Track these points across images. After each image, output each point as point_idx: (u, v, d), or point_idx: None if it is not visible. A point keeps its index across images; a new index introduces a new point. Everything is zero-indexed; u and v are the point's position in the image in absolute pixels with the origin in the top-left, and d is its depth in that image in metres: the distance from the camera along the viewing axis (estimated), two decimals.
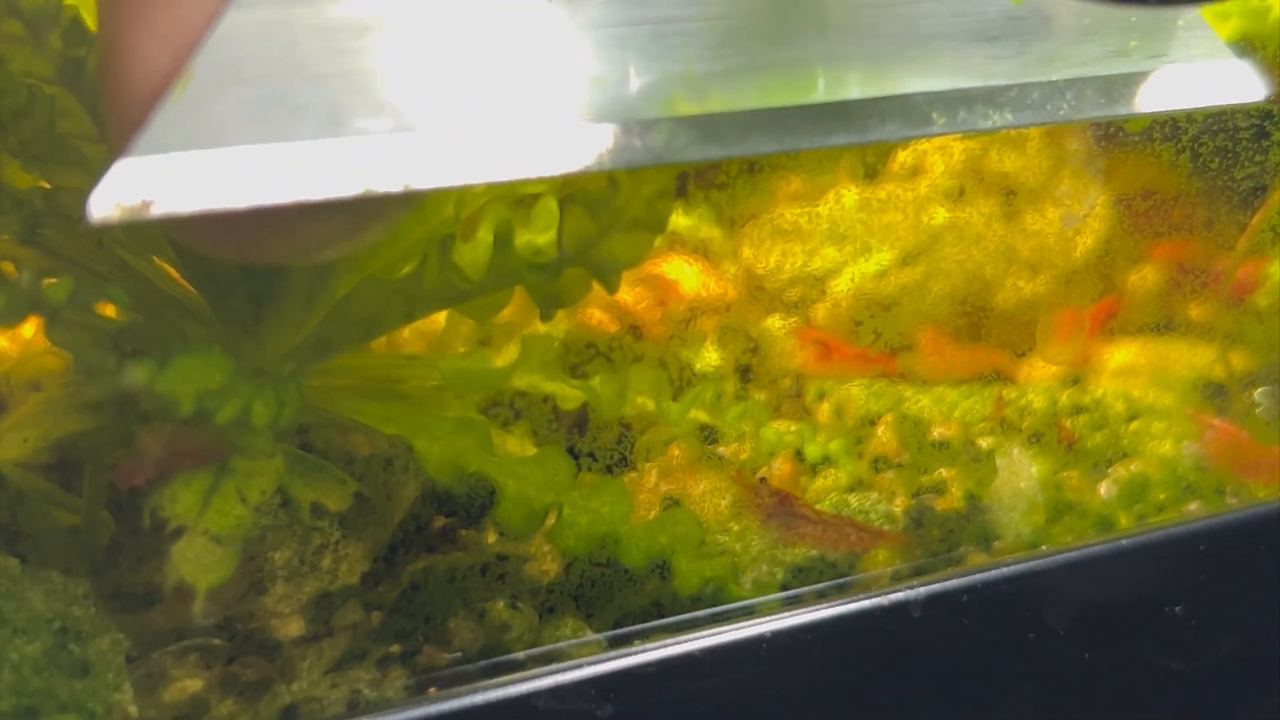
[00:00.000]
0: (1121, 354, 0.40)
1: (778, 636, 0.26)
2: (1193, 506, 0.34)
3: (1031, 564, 0.28)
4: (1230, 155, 0.37)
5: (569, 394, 0.30)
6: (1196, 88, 0.21)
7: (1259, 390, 0.38)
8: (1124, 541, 0.29)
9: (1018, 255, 0.40)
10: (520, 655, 0.27)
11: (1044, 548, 0.31)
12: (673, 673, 0.25)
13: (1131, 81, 0.21)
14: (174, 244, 0.27)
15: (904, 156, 0.41)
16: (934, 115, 0.20)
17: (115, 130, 0.19)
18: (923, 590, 0.27)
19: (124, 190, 0.16)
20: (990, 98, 0.20)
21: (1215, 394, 0.38)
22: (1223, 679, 0.30)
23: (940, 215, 0.40)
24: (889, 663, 0.27)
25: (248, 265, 0.26)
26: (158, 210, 0.16)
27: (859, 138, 0.19)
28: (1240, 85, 0.21)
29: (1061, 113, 0.20)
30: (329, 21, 0.17)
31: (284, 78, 0.17)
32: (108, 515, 0.28)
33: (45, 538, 0.27)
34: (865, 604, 0.27)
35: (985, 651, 0.28)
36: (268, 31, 0.17)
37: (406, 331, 0.32)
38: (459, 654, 0.27)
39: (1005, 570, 0.28)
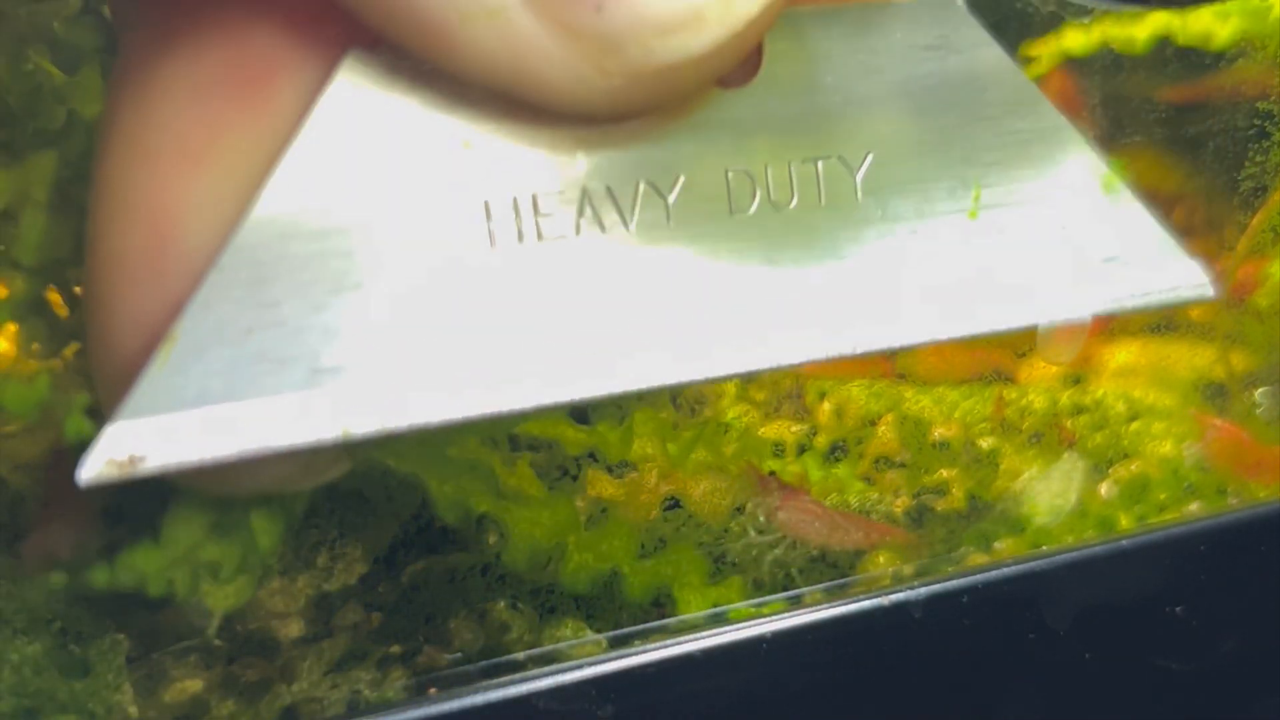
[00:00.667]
0: (1122, 354, 0.39)
1: (778, 637, 0.26)
2: (1193, 507, 0.34)
3: (1031, 564, 0.28)
4: (1231, 156, 0.37)
5: (575, 439, 0.31)
6: (1147, 288, 0.23)
7: (1259, 390, 0.38)
8: (1124, 541, 0.29)
9: None
10: (520, 656, 0.27)
11: (1044, 548, 0.31)
12: (673, 673, 0.25)
13: (1083, 285, 0.23)
14: None
15: None
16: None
17: (102, 386, 0.20)
18: (923, 590, 0.27)
19: (113, 449, 0.17)
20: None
21: (1216, 394, 0.38)
22: (1224, 680, 0.30)
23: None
24: (889, 663, 0.27)
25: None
26: (147, 466, 0.17)
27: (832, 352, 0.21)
28: (1190, 284, 0.23)
29: (1018, 319, 0.22)
30: (308, 280, 0.18)
31: (265, 334, 0.18)
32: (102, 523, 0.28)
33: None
34: (865, 604, 0.27)
35: (986, 652, 0.28)
36: (248, 292, 0.18)
37: None
38: (459, 654, 0.27)
39: (1005, 571, 0.28)
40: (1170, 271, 0.23)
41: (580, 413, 0.32)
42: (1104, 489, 0.36)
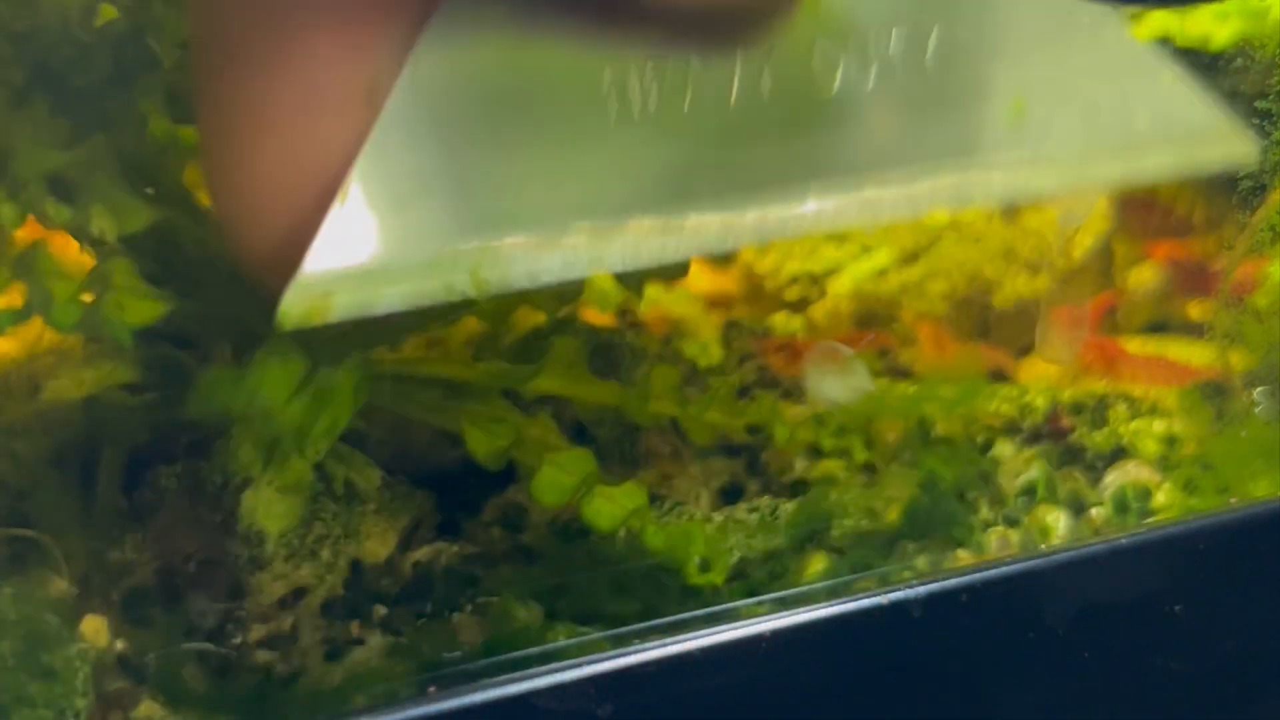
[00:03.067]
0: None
1: (777, 636, 0.26)
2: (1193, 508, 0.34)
3: (1031, 564, 0.28)
4: None
5: (594, 394, 0.32)
6: (1193, 156, 0.24)
7: (1258, 390, 0.38)
8: (1124, 541, 0.29)
9: (1017, 255, 0.40)
10: (521, 654, 0.27)
11: (1044, 547, 0.31)
12: (672, 672, 0.25)
13: (1134, 151, 0.23)
14: None
15: None
16: None
17: (243, 245, 0.20)
18: (922, 590, 0.27)
19: (306, 296, 0.18)
20: None
21: (1214, 393, 0.38)
22: (1223, 679, 0.30)
23: (940, 215, 0.40)
24: (889, 663, 0.27)
25: None
26: (337, 309, 0.18)
27: None
28: (1237, 148, 0.24)
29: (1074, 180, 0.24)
30: (466, 134, 0.20)
31: (434, 180, 0.19)
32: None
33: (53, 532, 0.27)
34: (864, 603, 0.27)
35: (985, 651, 0.28)
36: (412, 141, 0.19)
37: None
38: (460, 652, 0.27)
39: (1005, 570, 0.28)
40: (1215, 138, 0.24)
41: (580, 430, 0.33)
42: (1102, 487, 0.36)
